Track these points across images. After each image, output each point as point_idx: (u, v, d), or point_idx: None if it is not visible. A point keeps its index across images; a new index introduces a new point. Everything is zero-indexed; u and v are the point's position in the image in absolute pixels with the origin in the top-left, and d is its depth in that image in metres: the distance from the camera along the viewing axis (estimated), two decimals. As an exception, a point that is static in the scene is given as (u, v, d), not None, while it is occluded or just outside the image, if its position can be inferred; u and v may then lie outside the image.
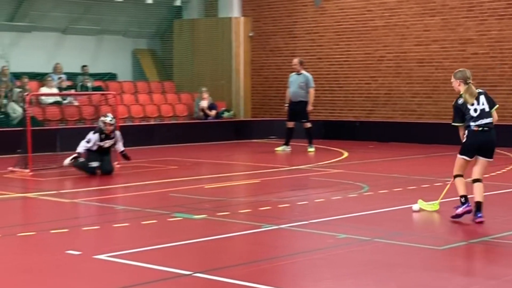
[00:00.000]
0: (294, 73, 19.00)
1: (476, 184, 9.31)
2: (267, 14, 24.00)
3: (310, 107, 18.74)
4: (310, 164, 15.93)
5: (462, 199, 9.37)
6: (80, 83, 21.43)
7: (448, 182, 10.06)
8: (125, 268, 7.23)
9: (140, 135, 20.31)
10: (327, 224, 9.27)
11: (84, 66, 22.19)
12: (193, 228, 9.27)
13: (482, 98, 9.37)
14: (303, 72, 18.92)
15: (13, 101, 19.38)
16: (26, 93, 17.10)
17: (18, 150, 15.82)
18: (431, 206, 9.98)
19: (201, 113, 22.53)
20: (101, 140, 14.25)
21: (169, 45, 24.95)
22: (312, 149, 18.51)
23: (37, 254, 7.91)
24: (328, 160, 16.39)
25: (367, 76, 22.06)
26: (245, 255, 7.90)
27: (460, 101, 9.37)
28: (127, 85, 23.44)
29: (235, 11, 24.18)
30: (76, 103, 20.83)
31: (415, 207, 9.99)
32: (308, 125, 18.77)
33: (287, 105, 19.07)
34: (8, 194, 12.08)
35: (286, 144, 18.90)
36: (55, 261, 7.54)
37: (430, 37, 20.79)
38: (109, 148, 14.43)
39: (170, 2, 24.32)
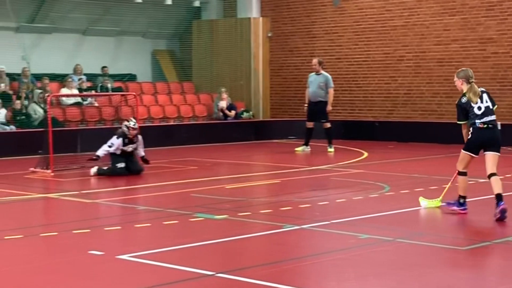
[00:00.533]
0: (313, 73, 18.97)
1: (493, 178, 9.42)
2: (286, 14, 23.99)
3: (329, 107, 18.72)
4: (330, 164, 15.91)
5: (461, 200, 9.64)
6: (100, 84, 21.54)
7: (450, 179, 10.26)
8: (148, 269, 7.25)
9: (159, 135, 20.37)
10: (348, 225, 9.25)
11: (104, 67, 22.30)
12: (215, 229, 9.28)
13: (485, 96, 9.60)
14: (323, 72, 18.90)
15: (34, 102, 19.49)
16: (47, 94, 17.18)
17: (39, 151, 15.91)
18: (432, 202, 10.18)
19: (221, 114, 22.56)
20: (125, 144, 14.30)
21: (188, 45, 24.98)
22: (331, 149, 18.48)
23: (60, 254, 7.95)
24: (348, 160, 16.36)
25: (387, 76, 21.99)
26: (267, 256, 7.90)
27: (464, 99, 9.60)
28: (147, 86, 23.51)
29: (254, 12, 24.19)
30: (96, 104, 20.93)
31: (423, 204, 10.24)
32: (328, 125, 18.75)
33: (306, 105, 19.05)
34: (30, 195, 12.15)
35: (306, 144, 18.88)
36: (79, 261, 7.57)
37: (449, 36, 20.70)
38: (132, 151, 14.48)
39: (189, 3, 24.37)
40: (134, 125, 14.35)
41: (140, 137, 14.62)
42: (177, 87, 24.15)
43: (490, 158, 9.51)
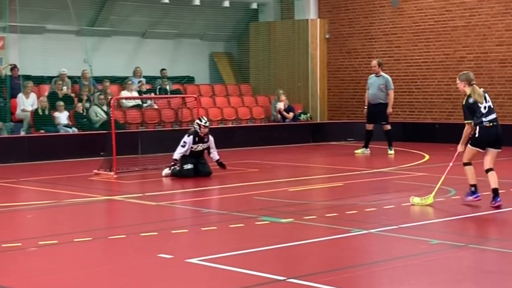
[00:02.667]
0: (373, 75, 18.81)
1: (490, 173, 10.35)
2: (344, 15, 23.85)
3: (390, 109, 18.55)
4: (391, 167, 15.75)
5: (472, 188, 10.49)
6: (159, 86, 21.69)
7: (442, 176, 10.95)
8: (219, 273, 7.24)
9: (218, 137, 20.22)
10: (417, 229, 9.13)
11: (162, 69, 22.45)
12: (282, 232, 9.23)
13: (487, 97, 10.40)
14: (382, 74, 18.73)
15: (95, 104, 19.71)
16: (110, 97, 17.35)
17: (101, 153, 16.10)
18: (424, 200, 10.62)
19: (279, 116, 22.53)
20: (195, 143, 14.33)
21: (245, 48, 25.01)
22: (392, 152, 18.31)
23: (130, 257, 7.97)
24: (409, 163, 16.17)
25: (447, 77, 21.69)
26: (337, 261, 7.82)
27: (471, 100, 10.34)
28: (205, 88, 23.60)
29: (312, 13, 24.11)
30: (155, 106, 21.08)
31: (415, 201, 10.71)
32: (388, 127, 18.58)
33: (366, 107, 18.90)
34: (95, 197, 12.26)
35: (365, 146, 18.74)
36: (149, 264, 7.59)
37: (512, 37, 20.37)
38: (202, 151, 14.50)
39: (246, 5, 24.42)
40: (205, 123, 14.39)
41: (211, 138, 14.63)
42: (235, 89, 24.21)
43: (492, 154, 10.43)
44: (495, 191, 10.27)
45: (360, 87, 22.71)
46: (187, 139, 14.29)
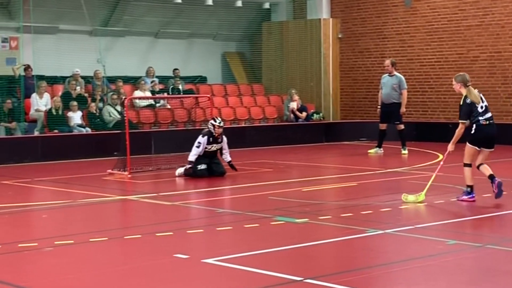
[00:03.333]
0: (386, 75, 18.76)
1: (482, 166, 10.82)
2: (356, 15, 23.80)
3: (403, 109, 18.50)
4: (405, 166, 15.70)
5: (469, 189, 10.78)
6: (171, 86, 21.71)
7: (432, 174, 11.39)
8: (235, 273, 7.23)
9: (231, 137, 20.20)
10: (433, 229, 9.10)
11: (175, 69, 22.47)
12: (297, 232, 9.22)
13: (483, 97, 10.80)
14: (396, 73, 18.68)
15: (109, 104, 19.75)
16: (124, 97, 17.37)
17: (115, 153, 16.13)
18: (416, 197, 10.83)
19: (291, 115, 22.51)
20: (209, 143, 14.33)
21: (258, 47, 25.00)
22: (405, 152, 18.26)
23: (146, 257, 7.96)
24: (423, 163, 16.11)
25: (460, 76, 21.58)
26: (354, 261, 7.80)
27: (469, 100, 10.71)
28: (217, 87, 23.61)
29: (324, 13, 24.07)
30: (168, 106, 21.09)
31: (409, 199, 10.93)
32: (401, 127, 18.53)
33: (379, 107, 18.84)
34: (109, 197, 12.28)
35: (379, 146, 18.69)
36: (165, 264, 7.59)
37: (526, 36, 20.28)
38: (216, 151, 14.51)
39: (259, 5, 24.41)
40: (219, 123, 14.39)
41: (225, 138, 14.62)
42: (247, 89, 24.20)
43: (485, 153, 10.84)
44: (491, 176, 10.71)
45: (372, 87, 22.66)
46: (202, 139, 14.29)
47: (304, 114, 22.54)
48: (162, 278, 7.09)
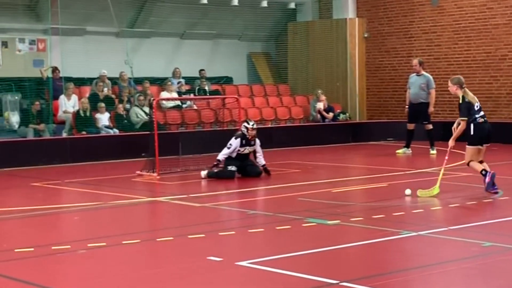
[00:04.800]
0: (414, 74, 18.64)
1: (472, 163, 11.51)
2: (383, 14, 23.69)
3: (431, 109, 18.38)
4: (434, 167, 15.58)
5: (483, 172, 11.38)
6: (198, 87, 21.72)
7: (441, 167, 11.98)
8: (271, 276, 7.18)
9: (258, 138, 20.35)
10: (467, 231, 9.00)
11: (201, 70, 22.47)
12: (329, 234, 9.17)
13: (475, 97, 11.64)
14: (424, 73, 18.56)
15: (136, 105, 19.79)
16: (152, 98, 17.39)
17: (143, 154, 16.14)
18: (430, 192, 11.38)
19: (318, 116, 22.44)
20: (242, 145, 14.30)
21: (283, 48, 24.97)
22: (434, 152, 18.12)
23: (180, 260, 7.95)
24: (453, 163, 15.93)
25: (488, 75, 21.46)
26: (390, 263, 7.74)
27: (467, 100, 11.42)
28: (243, 88, 23.60)
29: (350, 12, 23.98)
30: (195, 107, 21.10)
31: (407, 191, 11.45)
32: (430, 126, 18.41)
33: (407, 106, 18.72)
34: (139, 198, 12.30)
35: (407, 146, 18.58)
36: (199, 267, 7.56)
37: (556, 34, 20.08)
38: (248, 154, 14.48)
39: (284, 5, 24.36)
40: (252, 125, 14.36)
41: (258, 141, 14.55)
42: (273, 89, 24.16)
43: (483, 151, 11.58)
44: (484, 171, 11.48)
45: (399, 86, 22.54)
46: (234, 141, 14.26)
47: (331, 114, 22.47)
48: (197, 281, 7.07)
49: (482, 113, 11.54)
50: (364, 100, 24.09)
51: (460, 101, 11.51)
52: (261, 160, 14.54)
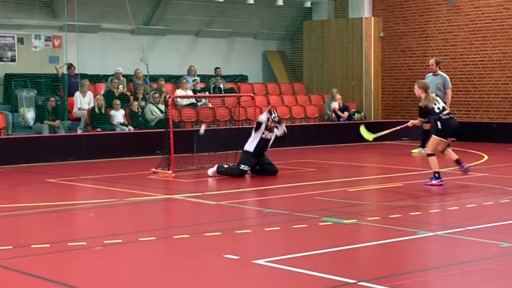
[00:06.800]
0: (430, 74, 18.54)
1: (446, 151, 12.91)
2: (398, 13, 23.61)
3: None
4: (450, 167, 15.47)
5: (436, 175, 12.45)
6: (213, 85, 21.72)
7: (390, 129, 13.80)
8: (288, 275, 7.15)
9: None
10: (485, 231, 8.94)
11: (216, 68, 22.47)
12: (346, 233, 9.13)
13: (439, 99, 12.86)
14: (440, 72, 18.47)
15: (151, 103, 19.80)
16: (168, 96, 17.39)
17: (158, 152, 16.15)
18: (369, 135, 13.90)
19: (333, 115, 22.39)
20: (266, 128, 14.21)
21: (299, 46, 24.93)
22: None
23: (196, 258, 7.92)
24: (468, 163, 15.85)
25: (504, 76, 21.35)
26: (407, 263, 7.69)
27: (426, 103, 12.54)
28: (258, 86, 23.57)
29: (366, 12, 23.92)
30: (210, 105, 21.10)
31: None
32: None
33: (423, 106, 18.62)
34: (155, 196, 12.29)
35: (423, 146, 18.47)
36: (216, 265, 7.54)
37: None
38: (268, 142, 14.37)
39: (300, 3, 24.31)
40: (274, 118, 14.32)
41: (277, 130, 14.42)
42: (288, 88, 24.13)
43: (448, 142, 12.77)
44: (458, 161, 12.93)
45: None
46: (263, 117, 14.14)
47: (346, 113, 22.41)
48: (214, 279, 7.04)
49: (446, 111, 12.68)
50: (379, 100, 24.02)
51: (420, 104, 12.78)
52: (281, 130, 14.41)
